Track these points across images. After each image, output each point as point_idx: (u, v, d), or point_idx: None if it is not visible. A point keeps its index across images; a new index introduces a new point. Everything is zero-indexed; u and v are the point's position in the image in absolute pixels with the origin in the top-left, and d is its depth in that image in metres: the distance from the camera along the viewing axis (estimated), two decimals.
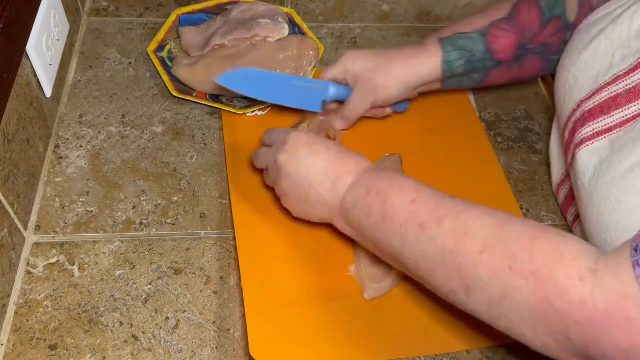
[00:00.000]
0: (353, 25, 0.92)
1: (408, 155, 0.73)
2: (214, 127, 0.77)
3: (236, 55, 0.79)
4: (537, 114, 0.83)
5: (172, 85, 0.77)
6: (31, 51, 0.64)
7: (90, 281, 0.62)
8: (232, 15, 0.83)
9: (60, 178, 0.70)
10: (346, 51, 0.74)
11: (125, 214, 0.67)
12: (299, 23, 0.86)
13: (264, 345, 0.57)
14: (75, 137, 0.74)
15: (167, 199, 0.69)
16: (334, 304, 0.62)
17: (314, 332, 0.59)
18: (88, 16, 0.88)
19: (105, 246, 0.65)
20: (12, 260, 0.60)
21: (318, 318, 0.61)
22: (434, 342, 0.61)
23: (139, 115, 0.77)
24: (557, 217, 0.72)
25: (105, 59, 0.82)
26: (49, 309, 0.60)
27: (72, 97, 0.77)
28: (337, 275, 0.64)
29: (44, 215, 0.66)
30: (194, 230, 0.67)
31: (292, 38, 0.81)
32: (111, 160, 0.72)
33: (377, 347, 0.59)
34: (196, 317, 0.61)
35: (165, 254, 0.65)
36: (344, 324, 0.60)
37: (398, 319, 0.61)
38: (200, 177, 0.72)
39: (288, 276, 0.63)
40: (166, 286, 0.63)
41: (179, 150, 0.74)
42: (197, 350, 0.58)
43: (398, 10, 0.96)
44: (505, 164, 0.77)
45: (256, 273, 0.62)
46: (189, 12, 0.86)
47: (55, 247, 0.64)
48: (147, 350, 0.58)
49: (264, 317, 0.59)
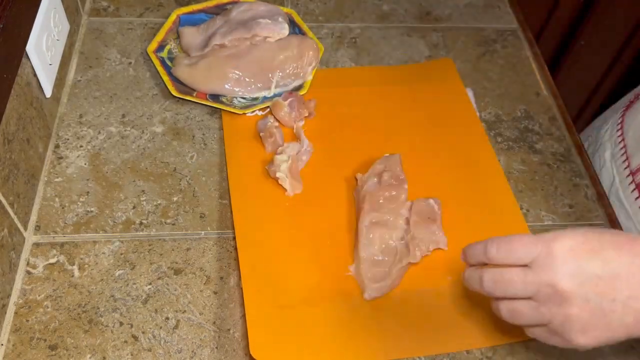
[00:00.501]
0: (353, 25, 0.92)
1: (408, 155, 0.73)
2: (214, 127, 0.77)
3: (236, 55, 0.79)
4: (537, 114, 0.83)
5: (172, 85, 0.77)
6: (31, 51, 0.64)
7: (90, 281, 0.62)
8: (232, 15, 0.83)
9: (60, 178, 0.70)
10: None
11: (125, 214, 0.67)
12: (299, 23, 0.86)
13: (264, 345, 0.57)
14: (75, 137, 0.74)
15: (167, 199, 0.69)
16: (334, 304, 0.62)
17: (314, 332, 0.60)
18: (88, 16, 0.88)
19: (105, 246, 0.65)
20: (12, 260, 0.60)
21: (318, 318, 0.61)
22: (433, 342, 0.61)
23: (139, 115, 0.77)
24: (557, 217, 0.72)
25: (105, 59, 0.82)
26: (49, 309, 0.60)
27: (72, 97, 0.77)
28: (337, 275, 0.64)
29: (44, 215, 0.66)
30: (194, 230, 0.67)
31: (292, 38, 0.81)
32: (111, 160, 0.72)
33: (377, 347, 0.59)
34: (196, 317, 0.61)
35: (165, 254, 0.65)
36: (344, 324, 0.60)
37: (398, 319, 0.61)
38: (200, 177, 0.72)
39: (288, 276, 0.63)
40: (166, 286, 0.63)
41: (179, 150, 0.74)
42: (197, 350, 0.58)
43: (398, 10, 0.96)
44: (505, 164, 0.77)
45: (256, 273, 0.62)
46: (189, 12, 0.86)
47: (55, 247, 0.64)
48: (147, 350, 0.58)
49: (264, 317, 0.59)
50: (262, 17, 0.82)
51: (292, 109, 0.75)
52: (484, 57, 0.90)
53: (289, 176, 0.69)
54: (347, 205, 0.69)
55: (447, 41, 0.91)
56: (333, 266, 0.64)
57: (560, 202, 0.74)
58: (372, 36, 0.91)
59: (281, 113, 0.75)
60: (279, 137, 0.73)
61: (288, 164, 0.69)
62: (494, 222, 0.70)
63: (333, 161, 0.74)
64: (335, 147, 0.75)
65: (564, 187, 0.75)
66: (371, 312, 0.62)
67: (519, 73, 0.88)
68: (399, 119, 0.79)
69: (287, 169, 0.69)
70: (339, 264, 0.65)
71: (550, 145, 0.80)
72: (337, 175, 0.72)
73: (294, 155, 0.70)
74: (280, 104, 0.75)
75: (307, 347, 0.59)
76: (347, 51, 0.88)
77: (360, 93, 0.81)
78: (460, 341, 0.61)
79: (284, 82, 0.79)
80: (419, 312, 0.62)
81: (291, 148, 0.71)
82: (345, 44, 0.89)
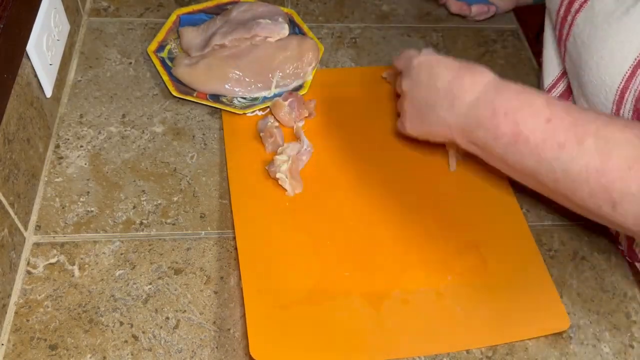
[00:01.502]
0: (353, 25, 0.92)
1: (408, 154, 0.73)
2: (214, 127, 0.77)
3: (236, 56, 0.79)
4: None
5: (172, 85, 0.77)
6: (31, 51, 0.64)
7: (90, 281, 0.62)
8: (232, 15, 0.83)
9: (61, 178, 0.70)
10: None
11: (126, 214, 0.67)
12: (299, 23, 0.86)
13: (264, 345, 0.57)
14: (75, 137, 0.74)
15: (167, 199, 0.69)
16: (333, 304, 0.62)
17: (314, 333, 0.60)
18: (88, 16, 0.88)
19: (105, 246, 0.65)
20: (12, 260, 0.60)
21: (318, 318, 0.61)
22: (434, 342, 0.61)
23: (139, 115, 0.77)
24: (556, 217, 0.72)
25: (105, 59, 0.83)
26: (49, 309, 0.60)
27: (72, 97, 0.78)
28: (337, 275, 0.64)
29: (44, 215, 0.66)
30: (194, 230, 0.67)
31: (292, 38, 0.81)
32: (111, 160, 0.72)
33: (377, 347, 0.60)
34: (196, 317, 0.61)
35: (165, 254, 0.65)
36: (344, 324, 0.60)
37: (398, 319, 0.61)
38: (200, 177, 0.72)
39: (288, 276, 0.63)
40: (166, 286, 0.63)
41: (179, 150, 0.74)
42: (197, 350, 0.59)
43: (398, 10, 0.96)
44: None
45: (256, 273, 0.63)
46: (189, 12, 0.86)
47: (56, 247, 0.64)
48: (147, 350, 0.58)
49: (264, 317, 0.59)
50: (262, 18, 0.82)
51: (292, 109, 0.75)
52: (484, 57, 0.90)
53: (289, 176, 0.69)
54: (348, 205, 0.69)
55: (447, 41, 0.91)
56: (333, 266, 0.64)
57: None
58: (372, 36, 0.91)
59: (281, 113, 0.75)
60: (279, 137, 0.73)
61: (288, 165, 0.69)
62: (494, 222, 0.70)
63: (333, 161, 0.74)
64: (335, 147, 0.75)
65: None
66: (371, 312, 0.62)
67: (519, 73, 0.88)
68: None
69: (287, 169, 0.69)
70: (338, 264, 0.65)
71: None
72: (337, 175, 0.72)
73: (294, 155, 0.70)
74: (280, 104, 0.75)
75: (306, 347, 0.59)
76: (347, 51, 0.88)
77: (360, 93, 0.82)
78: (460, 341, 0.61)
79: (284, 82, 0.79)
80: (419, 312, 0.62)
81: (291, 148, 0.71)
82: (345, 44, 0.89)
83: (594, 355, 0.62)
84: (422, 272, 0.65)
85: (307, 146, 0.73)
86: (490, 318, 0.62)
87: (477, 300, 0.63)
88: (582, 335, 0.63)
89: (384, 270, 0.65)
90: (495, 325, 0.62)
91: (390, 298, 0.63)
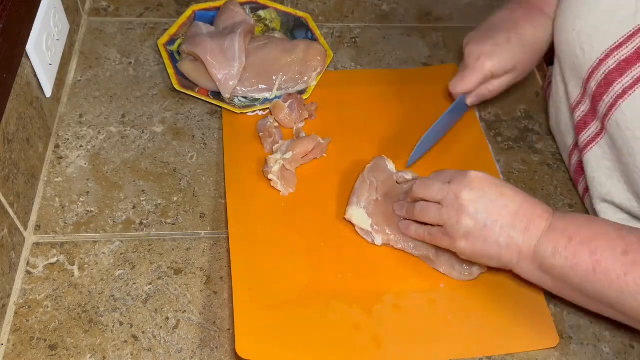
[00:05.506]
0: (353, 25, 0.92)
1: (407, 155, 0.73)
2: (214, 127, 0.77)
3: None
4: (537, 114, 0.83)
5: (175, 79, 0.77)
6: (31, 51, 0.64)
7: (90, 281, 0.62)
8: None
9: (60, 178, 0.70)
10: (468, 50, 0.72)
11: (125, 214, 0.67)
12: (312, 28, 0.85)
13: (251, 344, 0.57)
14: (75, 137, 0.74)
15: (167, 199, 0.69)
16: (324, 305, 0.61)
17: (303, 333, 0.59)
18: (88, 16, 0.88)
19: (105, 246, 0.65)
20: (12, 260, 0.60)
21: (308, 319, 0.60)
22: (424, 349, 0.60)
23: (139, 115, 0.77)
24: None
25: (105, 59, 0.82)
26: (49, 309, 0.60)
27: (72, 97, 0.77)
28: (329, 276, 0.64)
29: (44, 215, 0.66)
30: (194, 230, 0.67)
31: (300, 42, 0.81)
32: (111, 160, 0.72)
33: (366, 349, 0.59)
34: (196, 317, 0.61)
35: (165, 254, 0.65)
36: (334, 326, 0.60)
37: (389, 324, 0.61)
38: (200, 177, 0.72)
39: (279, 276, 0.63)
40: (166, 286, 0.63)
41: (179, 150, 0.74)
42: (197, 350, 0.58)
43: (398, 10, 0.96)
44: (505, 164, 0.77)
45: (248, 272, 0.62)
46: (205, 8, 0.86)
47: (55, 247, 0.64)
48: (147, 350, 0.58)
49: (253, 315, 0.59)
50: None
51: (292, 111, 0.75)
52: None
53: (280, 177, 0.68)
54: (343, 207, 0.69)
55: (447, 41, 0.91)
56: (325, 268, 0.64)
57: (560, 202, 0.74)
58: (372, 36, 0.91)
59: (281, 115, 0.75)
60: (278, 137, 0.73)
61: (280, 165, 0.68)
62: None
63: (332, 161, 0.73)
64: (334, 148, 0.75)
65: (564, 187, 0.75)
66: (361, 314, 0.61)
67: None
68: (399, 121, 0.79)
69: (278, 170, 0.68)
70: (331, 266, 0.64)
71: (550, 145, 0.80)
72: (335, 176, 0.72)
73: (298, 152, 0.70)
74: (280, 106, 0.75)
75: (294, 347, 0.58)
76: (347, 51, 0.88)
77: (361, 94, 0.81)
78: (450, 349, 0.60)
79: (287, 85, 0.79)
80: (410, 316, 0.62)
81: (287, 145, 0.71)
82: (345, 44, 0.89)
83: (594, 355, 0.62)
84: (415, 278, 0.65)
85: (324, 140, 0.73)
86: (480, 328, 0.61)
87: (468, 310, 0.63)
88: (582, 335, 0.63)
89: (376, 274, 0.65)
90: (485, 337, 0.61)
91: (381, 302, 0.62)
